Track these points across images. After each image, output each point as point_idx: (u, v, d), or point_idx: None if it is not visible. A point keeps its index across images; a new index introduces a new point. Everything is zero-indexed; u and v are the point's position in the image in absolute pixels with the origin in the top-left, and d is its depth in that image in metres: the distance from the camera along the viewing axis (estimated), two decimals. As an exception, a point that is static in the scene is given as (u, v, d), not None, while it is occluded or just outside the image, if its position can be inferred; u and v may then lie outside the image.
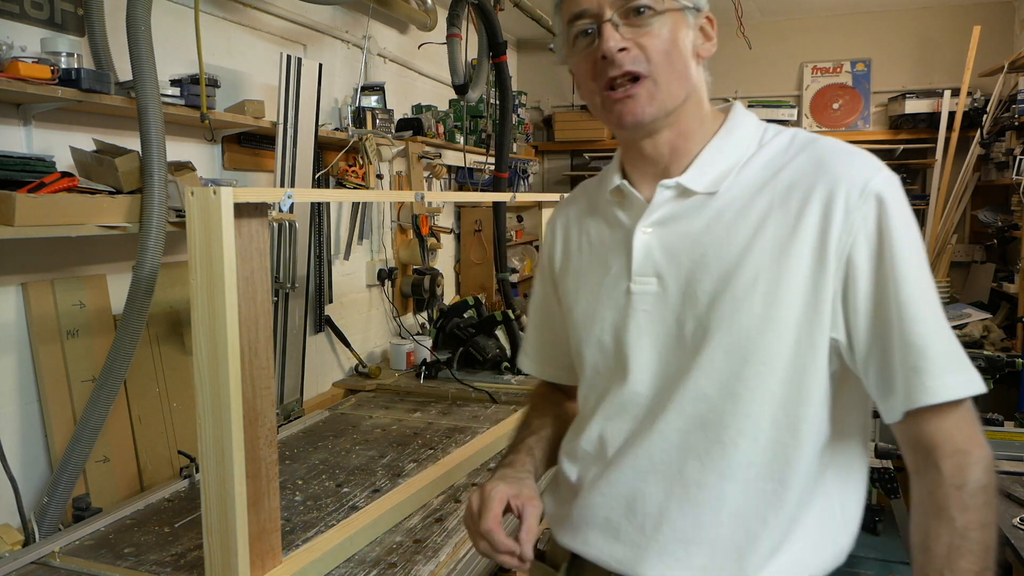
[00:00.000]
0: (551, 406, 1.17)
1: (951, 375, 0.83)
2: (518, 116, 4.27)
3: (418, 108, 3.44)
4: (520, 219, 4.43)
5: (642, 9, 0.88)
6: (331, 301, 2.75)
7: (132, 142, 1.76)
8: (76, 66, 1.59)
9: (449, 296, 3.65)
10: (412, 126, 3.05)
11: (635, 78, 0.89)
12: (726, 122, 0.97)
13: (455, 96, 3.22)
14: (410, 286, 3.25)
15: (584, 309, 1.01)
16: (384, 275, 3.09)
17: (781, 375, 0.87)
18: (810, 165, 0.89)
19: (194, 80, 1.89)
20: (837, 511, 0.93)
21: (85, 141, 1.77)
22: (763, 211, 0.89)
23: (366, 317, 3.09)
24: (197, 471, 1.70)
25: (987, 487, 0.83)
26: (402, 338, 3.17)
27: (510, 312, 2.90)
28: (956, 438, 0.84)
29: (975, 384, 0.84)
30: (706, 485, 0.89)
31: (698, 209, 0.93)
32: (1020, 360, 2.21)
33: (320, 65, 2.37)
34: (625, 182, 0.98)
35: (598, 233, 1.03)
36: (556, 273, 1.10)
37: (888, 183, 0.86)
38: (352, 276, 2.98)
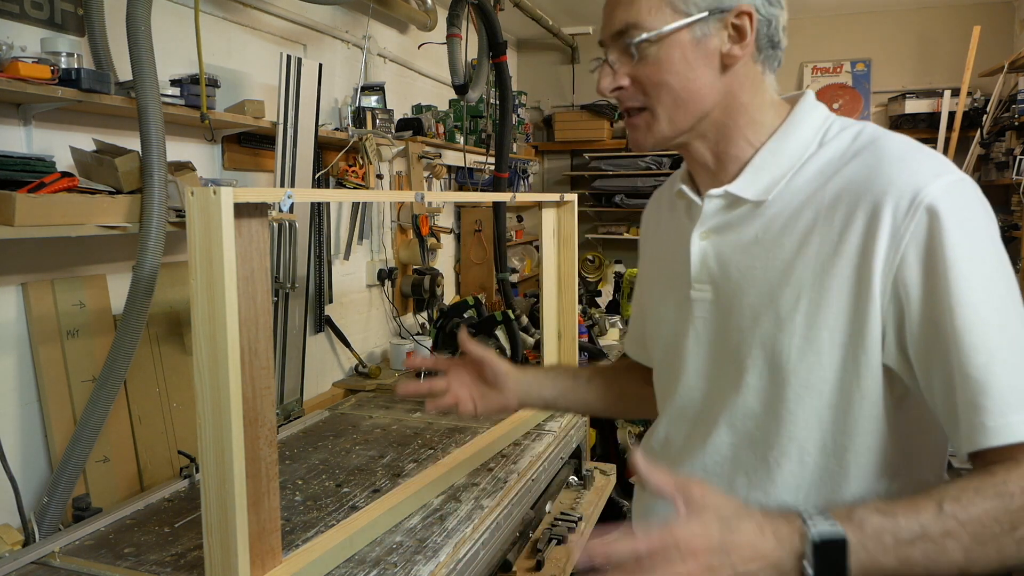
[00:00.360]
0: (618, 369, 1.24)
1: (1016, 414, 0.71)
2: (518, 116, 4.27)
3: (418, 108, 3.44)
4: (520, 219, 4.44)
5: (630, 45, 0.86)
6: (331, 301, 2.75)
7: (132, 142, 1.76)
8: (76, 66, 1.59)
9: (449, 296, 3.66)
10: (412, 126, 3.05)
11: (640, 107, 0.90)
12: (788, 118, 0.90)
13: (455, 96, 3.23)
14: (410, 286, 3.25)
15: (656, 307, 1.04)
16: (384, 275, 3.09)
17: (828, 400, 0.82)
18: (862, 172, 0.81)
19: (194, 80, 1.89)
20: None
21: (85, 141, 1.77)
22: (809, 223, 0.83)
23: (366, 317, 3.09)
24: (197, 471, 1.70)
25: None
26: (402, 338, 3.17)
27: (510, 312, 2.90)
28: None
29: None
30: (753, 502, 0.87)
31: (748, 218, 0.89)
32: (1020, 360, 2.20)
33: (320, 65, 2.37)
34: (684, 186, 0.96)
35: (668, 232, 1.03)
36: (644, 264, 1.14)
37: (946, 192, 0.75)
38: (352, 276, 2.98)
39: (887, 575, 0.68)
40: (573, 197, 2.32)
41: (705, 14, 0.85)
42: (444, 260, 3.69)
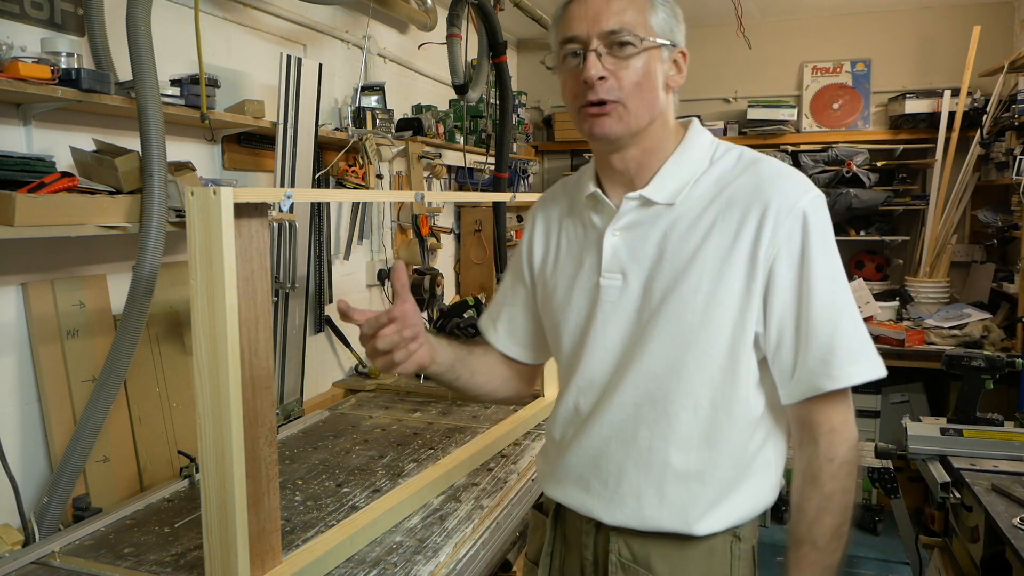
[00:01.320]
0: (493, 355, 1.31)
1: (852, 365, 1.01)
2: (518, 116, 4.26)
3: (418, 108, 3.44)
4: (520, 219, 4.43)
5: (624, 44, 1.02)
6: (331, 301, 2.75)
7: (132, 142, 1.76)
8: (76, 66, 1.59)
9: (449, 296, 3.65)
10: (412, 126, 3.05)
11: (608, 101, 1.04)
12: (684, 139, 1.11)
13: (455, 96, 3.22)
14: (410, 286, 3.24)
15: (561, 298, 1.18)
16: (384, 275, 3.09)
17: (719, 363, 1.04)
18: (750, 185, 1.04)
19: (194, 80, 1.89)
20: (772, 473, 1.11)
21: (85, 141, 1.77)
22: (710, 223, 1.04)
23: (366, 317, 3.08)
24: (197, 471, 1.70)
25: (851, 461, 1.04)
26: (402, 338, 3.17)
27: (510, 312, 2.89)
28: (833, 419, 1.04)
29: (874, 370, 1.02)
30: (655, 450, 1.07)
31: (658, 217, 1.08)
32: (1020, 360, 2.20)
33: (320, 65, 2.37)
34: (599, 190, 1.13)
35: (575, 232, 1.19)
36: (534, 264, 1.25)
37: (813, 204, 1.02)
38: (352, 276, 2.98)
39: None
40: (573, 197, 2.31)
41: (669, 43, 1.05)
42: (444, 260, 3.69)
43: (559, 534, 1.22)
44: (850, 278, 3.07)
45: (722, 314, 1.02)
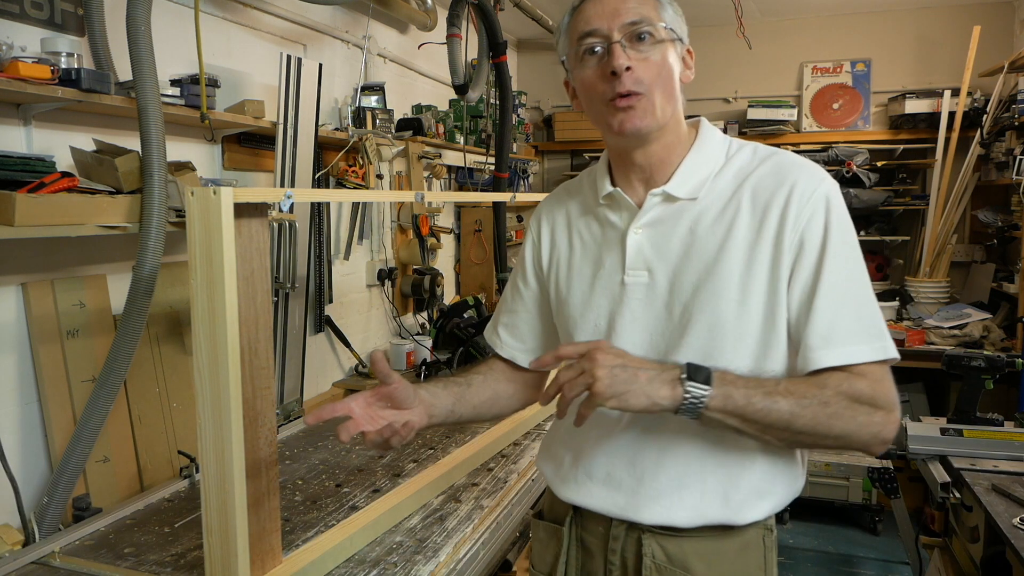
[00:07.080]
0: (489, 370, 1.30)
1: (855, 345, 0.98)
2: (518, 116, 4.27)
3: (418, 108, 3.44)
4: (520, 219, 4.43)
5: (643, 35, 1.03)
6: (331, 301, 2.75)
7: (132, 142, 1.76)
8: (76, 66, 1.59)
9: (449, 296, 3.66)
10: (412, 126, 3.05)
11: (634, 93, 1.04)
12: (698, 136, 1.13)
13: (455, 96, 3.23)
14: (410, 286, 3.25)
15: (579, 299, 1.16)
16: (384, 275, 3.09)
17: (752, 350, 1.04)
18: (771, 175, 1.06)
19: (194, 80, 1.89)
20: (799, 461, 1.12)
21: (85, 141, 1.77)
22: (733, 214, 1.06)
23: (366, 317, 3.09)
24: (197, 471, 1.70)
25: (876, 419, 0.97)
26: (402, 338, 3.17)
27: (510, 312, 2.89)
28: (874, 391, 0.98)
29: (879, 352, 0.99)
30: (694, 442, 1.06)
31: (682, 212, 1.09)
32: (1020, 360, 2.21)
33: (320, 65, 2.37)
34: (618, 189, 1.13)
35: (590, 233, 1.18)
36: (542, 267, 1.25)
37: (833, 189, 1.05)
38: (352, 276, 2.98)
39: (738, 414, 0.95)
40: (573, 197, 2.31)
41: (681, 40, 1.08)
42: (444, 260, 3.70)
43: (574, 539, 1.19)
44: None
45: (755, 301, 1.03)
